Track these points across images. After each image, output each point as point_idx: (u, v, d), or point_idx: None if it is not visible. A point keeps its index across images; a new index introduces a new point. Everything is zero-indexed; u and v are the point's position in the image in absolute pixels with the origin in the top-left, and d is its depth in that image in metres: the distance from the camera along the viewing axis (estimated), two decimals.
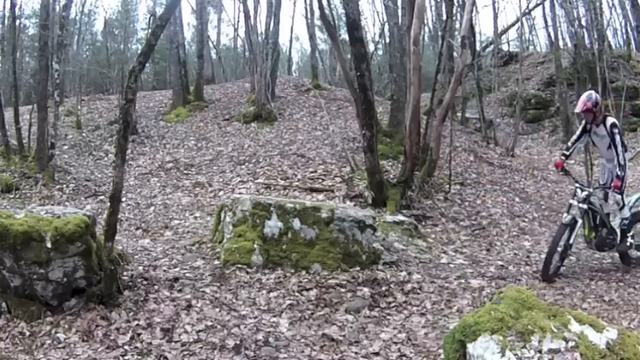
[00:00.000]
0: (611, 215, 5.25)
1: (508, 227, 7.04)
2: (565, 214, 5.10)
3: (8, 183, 7.96)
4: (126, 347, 3.13)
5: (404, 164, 7.68)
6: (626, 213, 5.18)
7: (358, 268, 4.68)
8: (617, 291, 4.45)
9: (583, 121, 5.39)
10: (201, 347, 3.20)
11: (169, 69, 18.22)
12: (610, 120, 5.15)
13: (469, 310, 3.91)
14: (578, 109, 5.23)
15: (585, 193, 5.06)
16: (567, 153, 5.47)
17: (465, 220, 7.09)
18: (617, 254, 5.42)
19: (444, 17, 11.97)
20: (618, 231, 5.17)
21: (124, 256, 4.43)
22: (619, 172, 5.03)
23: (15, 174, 8.26)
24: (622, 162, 5.00)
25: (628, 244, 5.18)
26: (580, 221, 5.05)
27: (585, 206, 5.04)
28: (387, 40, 15.11)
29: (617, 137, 5.04)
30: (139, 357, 3.05)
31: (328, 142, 10.42)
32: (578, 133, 5.46)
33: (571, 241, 5.01)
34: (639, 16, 15.47)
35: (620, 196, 5.14)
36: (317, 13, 14.22)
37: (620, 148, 5.02)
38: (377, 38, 23.67)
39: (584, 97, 5.23)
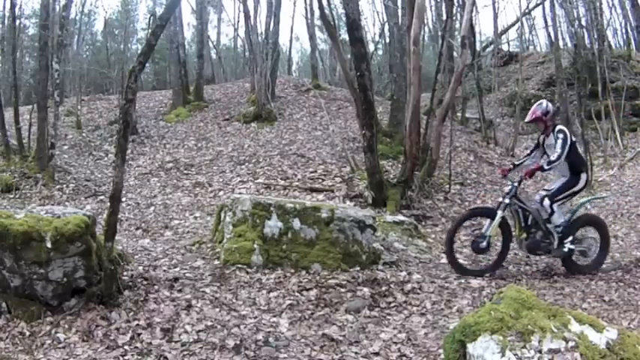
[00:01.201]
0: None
1: None
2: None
3: (8, 183, 7.96)
4: (126, 347, 3.13)
5: (404, 164, 7.68)
6: (559, 220, 5.01)
7: (358, 268, 4.68)
8: (617, 291, 4.44)
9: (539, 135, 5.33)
10: (201, 347, 3.20)
11: (169, 69, 18.23)
12: (558, 127, 5.05)
13: (469, 310, 3.91)
14: (527, 119, 5.17)
15: (509, 187, 4.97)
16: (517, 163, 5.43)
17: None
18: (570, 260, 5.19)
19: (444, 17, 11.97)
20: (555, 235, 5.01)
21: (124, 256, 4.43)
22: (543, 164, 4.91)
23: (15, 174, 8.26)
24: (554, 159, 4.83)
25: (566, 249, 5.00)
26: (500, 212, 4.93)
27: (507, 200, 4.94)
28: (387, 40, 15.11)
29: (560, 142, 4.89)
30: (139, 357, 3.04)
31: (328, 142, 10.42)
32: (532, 147, 5.44)
33: (487, 233, 4.94)
34: (639, 16, 15.45)
35: (548, 203, 4.98)
36: (317, 13, 14.24)
37: (559, 146, 4.84)
38: (377, 38, 23.69)
39: (535, 105, 5.17)
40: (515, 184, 5.01)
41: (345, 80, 8.80)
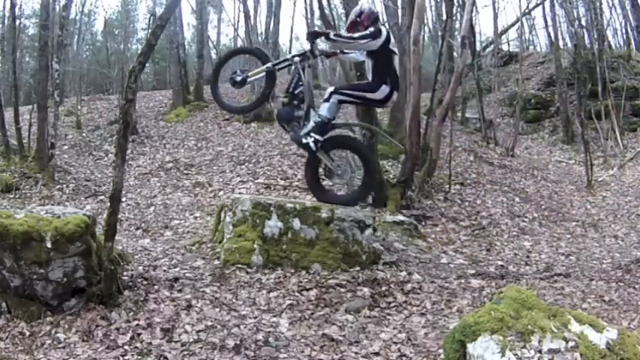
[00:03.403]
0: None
1: (508, 227, 7.05)
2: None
3: (8, 183, 7.96)
4: (126, 347, 3.13)
5: (404, 164, 7.68)
6: (323, 110, 4.75)
7: (358, 268, 4.68)
8: (617, 291, 4.44)
9: None
10: (201, 347, 3.20)
11: (169, 69, 18.24)
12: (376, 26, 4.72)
13: (469, 310, 3.90)
14: (345, 28, 4.97)
15: (301, 50, 4.84)
16: (333, 38, 4.72)
17: (465, 220, 7.10)
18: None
19: (444, 17, 11.97)
20: (310, 122, 4.78)
21: (124, 256, 4.43)
22: (331, 32, 4.70)
23: (15, 174, 8.26)
24: (345, 34, 4.65)
25: (305, 140, 4.74)
26: (270, 64, 4.82)
27: (288, 56, 4.86)
28: None
29: (366, 32, 4.62)
30: (139, 357, 3.04)
31: None
32: None
33: (248, 73, 4.89)
34: (639, 16, 15.46)
35: (330, 90, 4.80)
36: (317, 13, 14.23)
37: (360, 32, 4.62)
38: None
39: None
40: (308, 48, 4.87)
41: (345, 80, 8.79)
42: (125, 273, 4.09)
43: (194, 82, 15.70)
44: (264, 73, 4.92)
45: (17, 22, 11.67)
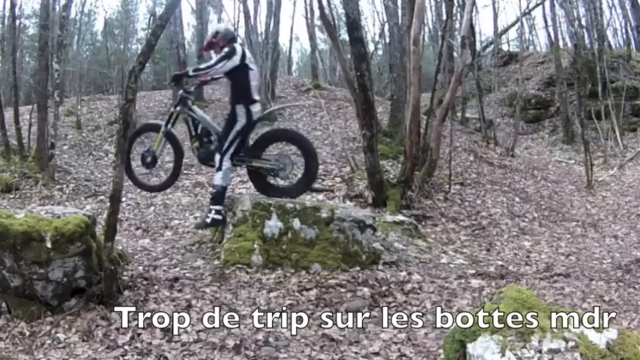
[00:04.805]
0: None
1: (508, 227, 7.05)
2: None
3: (8, 183, 7.95)
4: (126, 347, 3.13)
5: (404, 164, 7.68)
6: (218, 182, 4.82)
7: (358, 268, 4.68)
8: (617, 291, 4.44)
9: None
10: (201, 347, 3.20)
11: (169, 69, 18.21)
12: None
13: (469, 310, 3.91)
14: (204, 51, 5.04)
15: (178, 98, 4.93)
16: (193, 74, 4.82)
17: (465, 220, 7.10)
18: None
19: (444, 17, 11.96)
20: (210, 194, 4.86)
21: (124, 256, 4.43)
22: (190, 69, 4.78)
23: (15, 174, 8.25)
24: (202, 67, 4.70)
25: (209, 220, 4.80)
26: (163, 127, 4.98)
27: (173, 109, 4.97)
28: (387, 40, 15.09)
29: (221, 55, 4.65)
30: (139, 357, 3.05)
31: (328, 142, 10.42)
32: None
33: (152, 147, 5.10)
34: (639, 16, 15.45)
35: (217, 157, 4.80)
36: (317, 13, 14.23)
37: (215, 58, 4.66)
38: (377, 38, 23.62)
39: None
40: (182, 91, 4.96)
41: (345, 80, 8.79)
42: (125, 273, 4.09)
43: None
44: (164, 139, 5.09)
45: (17, 22, 11.68)
